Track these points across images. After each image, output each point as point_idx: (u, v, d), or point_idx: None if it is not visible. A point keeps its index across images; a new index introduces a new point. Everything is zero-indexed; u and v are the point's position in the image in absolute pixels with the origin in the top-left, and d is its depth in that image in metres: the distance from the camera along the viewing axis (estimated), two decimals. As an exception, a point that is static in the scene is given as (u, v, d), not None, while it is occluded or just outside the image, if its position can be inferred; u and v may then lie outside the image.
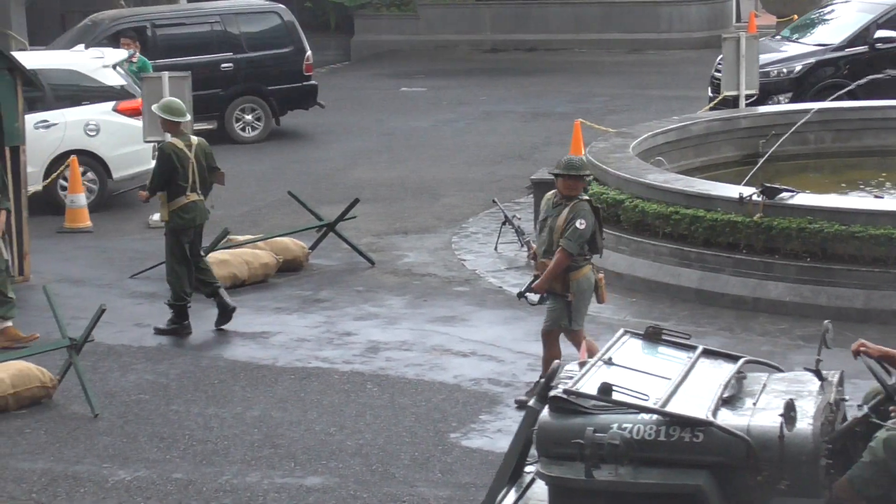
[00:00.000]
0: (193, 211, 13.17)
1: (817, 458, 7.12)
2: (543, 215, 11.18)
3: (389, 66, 30.63)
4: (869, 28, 21.83)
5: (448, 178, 19.80)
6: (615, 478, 7.14)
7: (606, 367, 7.86)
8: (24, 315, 13.52)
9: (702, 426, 7.16)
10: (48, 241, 16.65)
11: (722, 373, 7.75)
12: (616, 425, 7.24)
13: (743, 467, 7.08)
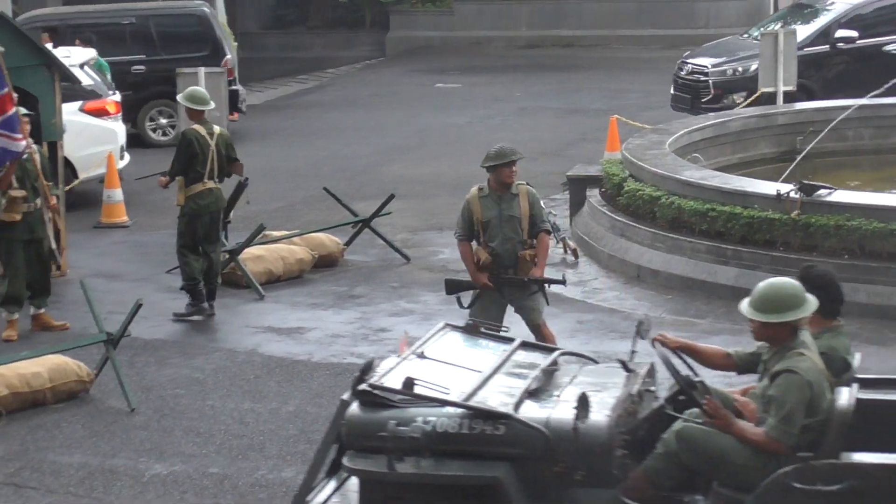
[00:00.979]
0: (209, 198, 13.44)
1: (611, 449, 7.25)
2: (490, 213, 10.88)
3: (424, 62, 30.68)
4: (830, 27, 21.75)
5: (483, 174, 19.69)
6: (417, 470, 7.29)
7: (419, 360, 8.01)
8: (60, 309, 13.63)
9: (502, 419, 7.29)
10: (84, 236, 16.76)
11: (535, 365, 7.91)
12: (421, 419, 7.35)
13: (542, 459, 7.21)
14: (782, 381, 7.22)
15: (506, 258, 10.95)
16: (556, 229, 15.55)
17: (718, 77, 21.57)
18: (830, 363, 7.54)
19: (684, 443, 7.36)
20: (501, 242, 10.92)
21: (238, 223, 15.55)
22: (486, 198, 10.97)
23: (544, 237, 11.03)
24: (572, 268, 15.09)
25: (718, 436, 7.32)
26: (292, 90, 28.90)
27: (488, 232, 10.94)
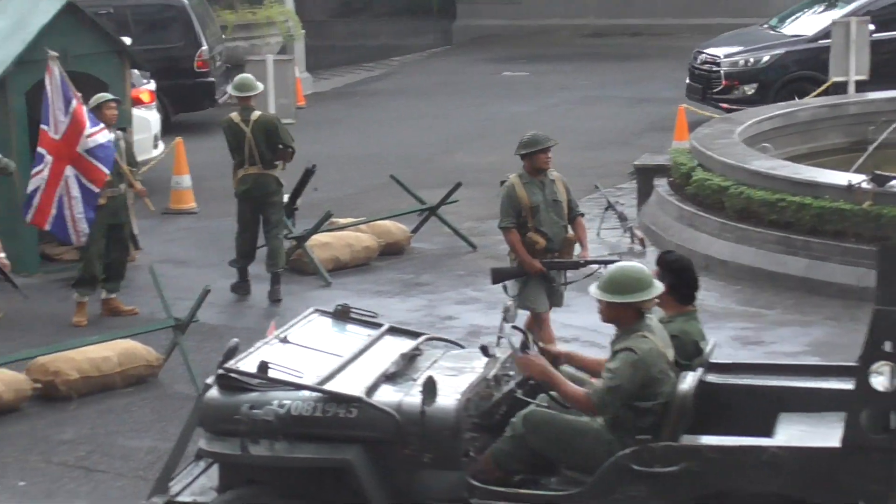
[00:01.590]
0: (248, 183, 13.72)
1: (459, 433, 7.40)
2: (538, 198, 11.05)
3: (491, 51, 30.63)
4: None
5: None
6: (271, 453, 7.44)
7: (281, 344, 8.19)
8: (130, 295, 13.75)
9: (354, 403, 7.46)
10: (153, 221, 16.87)
11: (398, 350, 8.06)
12: (276, 402, 7.51)
13: (393, 441, 7.39)
14: (619, 357, 7.39)
15: (555, 242, 11.10)
16: (624, 219, 15.53)
17: (730, 68, 21.44)
18: (682, 347, 7.71)
19: (531, 426, 7.51)
20: (550, 227, 11.07)
21: (305, 210, 15.60)
22: (529, 184, 11.13)
23: (581, 221, 11.33)
24: (639, 257, 15.03)
25: (563, 420, 7.52)
26: (358, 78, 28.95)
27: (537, 217, 11.04)
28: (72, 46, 14.48)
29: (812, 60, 21.19)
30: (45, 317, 13.32)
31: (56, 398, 11.10)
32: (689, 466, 7.19)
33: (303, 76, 25.35)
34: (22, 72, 14.24)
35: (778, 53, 21.44)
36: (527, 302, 11.06)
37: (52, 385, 11.11)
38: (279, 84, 17.43)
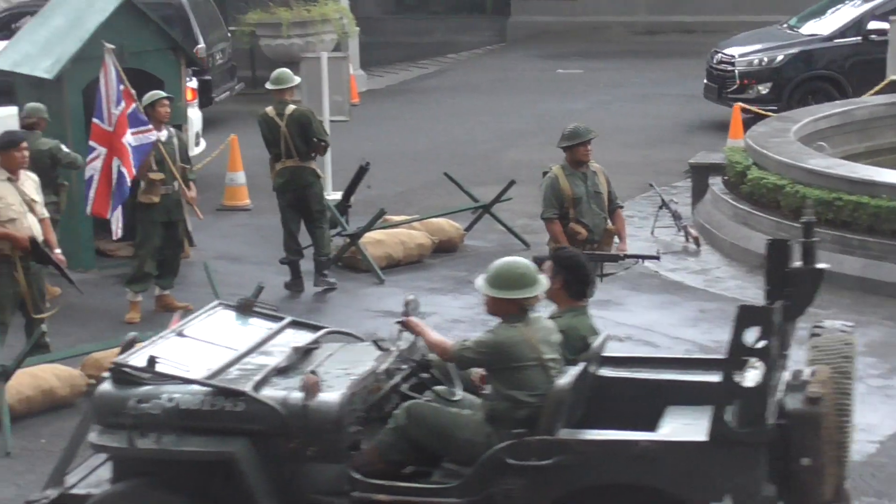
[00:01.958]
0: (285, 176, 13.90)
1: (342, 426, 7.52)
2: (580, 191, 11.22)
3: (545, 48, 30.54)
4: (863, 18, 21.27)
5: (603, 160, 19.43)
6: (157, 446, 7.61)
7: (177, 338, 8.34)
8: (183, 291, 13.79)
9: (240, 396, 7.58)
10: (207, 218, 16.88)
11: (295, 344, 8.19)
12: (166, 396, 7.67)
13: (277, 435, 7.51)
14: (482, 335, 7.68)
15: (596, 233, 11.27)
16: (678, 217, 15.44)
17: (745, 67, 21.28)
18: (569, 342, 7.87)
19: (413, 419, 7.64)
20: (592, 218, 11.24)
21: (359, 207, 15.61)
22: (571, 176, 11.29)
23: (621, 213, 11.48)
24: (694, 256, 14.95)
25: (445, 413, 7.65)
26: (413, 75, 28.94)
27: (578, 208, 11.20)
28: (128, 43, 14.54)
29: (827, 59, 21.08)
30: (99, 312, 13.38)
31: (111, 394, 11.10)
32: (562, 460, 7.30)
33: (357, 73, 25.36)
34: (79, 69, 14.30)
35: (792, 53, 21.26)
36: None
37: (107, 381, 11.12)
38: (333, 81, 17.47)
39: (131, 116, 12.92)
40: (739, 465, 7.12)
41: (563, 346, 7.82)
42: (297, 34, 24.98)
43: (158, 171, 13.18)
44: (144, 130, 12.97)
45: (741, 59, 21.40)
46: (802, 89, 20.91)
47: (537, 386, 7.51)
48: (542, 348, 7.61)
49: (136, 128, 12.92)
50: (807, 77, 21.06)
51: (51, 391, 10.88)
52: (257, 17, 25.32)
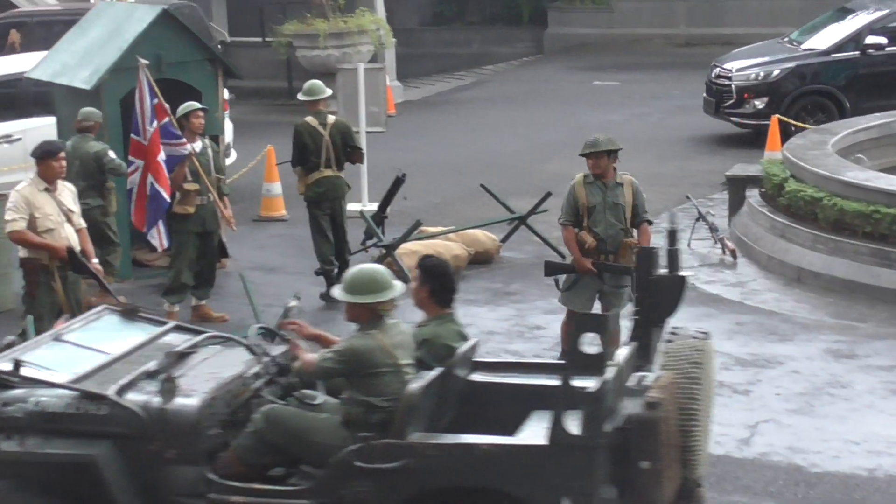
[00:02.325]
0: (326, 185, 14.01)
1: (200, 430, 7.70)
2: (596, 200, 11.18)
3: (582, 60, 30.51)
4: (861, 33, 21.15)
5: (640, 172, 19.43)
6: (22, 448, 7.79)
7: (54, 342, 8.56)
8: (219, 301, 13.82)
9: (103, 400, 7.77)
10: (244, 228, 16.94)
11: (172, 348, 8.31)
12: (33, 399, 7.86)
13: (139, 438, 7.71)
14: (339, 344, 7.90)
15: (608, 244, 11.18)
16: (714, 229, 15.37)
17: (741, 81, 21.20)
18: (433, 349, 8.03)
19: (270, 423, 7.79)
20: (605, 228, 11.17)
21: (395, 218, 15.61)
22: (591, 184, 11.27)
23: (646, 228, 11.29)
24: (730, 268, 14.88)
25: (303, 417, 7.82)
26: (450, 86, 28.96)
27: (592, 217, 11.18)
28: (166, 54, 14.61)
29: (825, 74, 21.00)
30: (136, 322, 13.40)
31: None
32: (408, 463, 7.48)
33: (393, 84, 25.40)
34: (117, 80, 14.36)
35: (789, 67, 21.17)
36: (566, 298, 11.34)
37: (143, 390, 11.14)
38: (370, 92, 17.49)
39: (164, 129, 13.00)
40: (577, 469, 7.30)
41: (428, 354, 8.01)
42: (334, 45, 25.06)
43: (193, 181, 13.22)
44: (177, 143, 13.05)
45: (738, 73, 21.36)
46: (799, 104, 20.87)
47: (392, 391, 7.70)
48: (398, 354, 7.81)
49: (169, 140, 13.01)
50: (803, 92, 20.99)
51: (87, 400, 10.90)
52: (294, 28, 25.41)
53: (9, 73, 18.02)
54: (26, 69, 16.38)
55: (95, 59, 14.59)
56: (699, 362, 7.87)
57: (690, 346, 7.96)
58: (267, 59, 27.03)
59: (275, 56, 26.03)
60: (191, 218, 13.25)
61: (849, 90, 20.79)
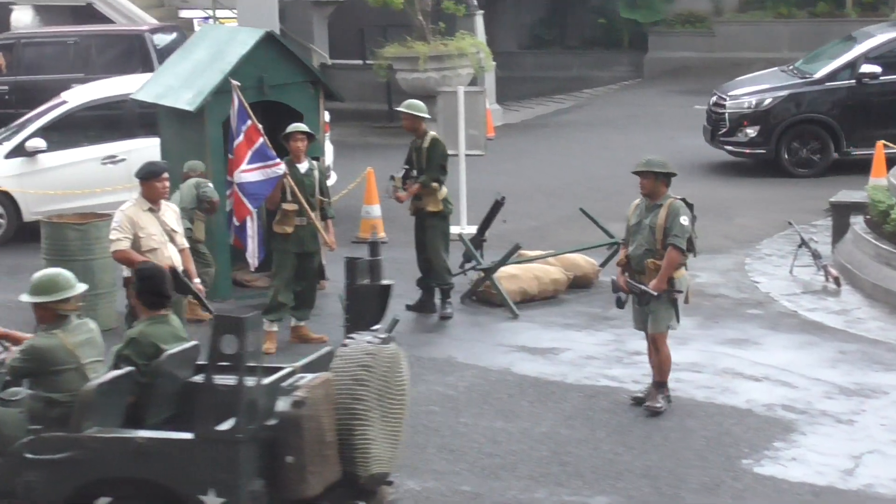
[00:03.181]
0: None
1: None
2: (636, 220, 11.37)
3: (682, 84, 30.33)
4: (856, 61, 20.86)
5: (741, 197, 19.46)
6: None
7: None
8: (319, 322, 13.86)
9: None
10: (343, 250, 16.95)
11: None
12: None
13: None
14: (23, 344, 8.72)
15: (636, 264, 11.37)
16: (817, 256, 15.17)
17: (735, 109, 21.08)
18: (140, 349, 8.73)
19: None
20: (635, 249, 11.38)
21: (493, 241, 15.58)
22: (639, 205, 11.50)
23: (671, 251, 11.25)
24: (834, 296, 14.67)
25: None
26: (549, 110, 28.92)
27: (630, 237, 11.45)
28: (269, 76, 14.72)
29: (819, 103, 20.84)
30: (236, 342, 13.47)
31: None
32: (73, 455, 8.19)
33: (493, 107, 25.40)
34: (219, 102, 14.47)
35: (782, 96, 21.03)
36: (633, 315, 11.65)
37: (242, 410, 11.21)
38: (469, 115, 17.49)
39: (258, 151, 13.08)
40: (221, 462, 7.97)
41: (134, 352, 8.70)
42: (434, 68, 25.12)
43: (292, 201, 13.27)
44: (272, 164, 13.11)
45: (732, 101, 21.31)
46: (792, 133, 20.77)
47: (73, 387, 8.42)
48: (81, 352, 8.61)
49: (263, 162, 13.08)
50: (796, 120, 20.85)
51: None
52: (394, 51, 25.51)
53: (114, 95, 18.29)
54: (131, 91, 16.57)
55: (199, 81, 14.73)
56: (369, 365, 8.39)
57: (362, 350, 8.47)
58: (367, 81, 27.18)
59: (375, 78, 26.16)
60: (289, 238, 13.32)
61: (843, 119, 20.68)
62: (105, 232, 12.57)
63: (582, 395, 11.83)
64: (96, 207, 16.17)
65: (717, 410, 11.42)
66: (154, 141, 16.20)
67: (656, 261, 11.24)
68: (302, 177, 13.35)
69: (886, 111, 20.37)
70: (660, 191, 11.39)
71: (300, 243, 13.41)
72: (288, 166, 13.30)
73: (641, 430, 11.00)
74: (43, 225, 14.33)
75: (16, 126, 18.71)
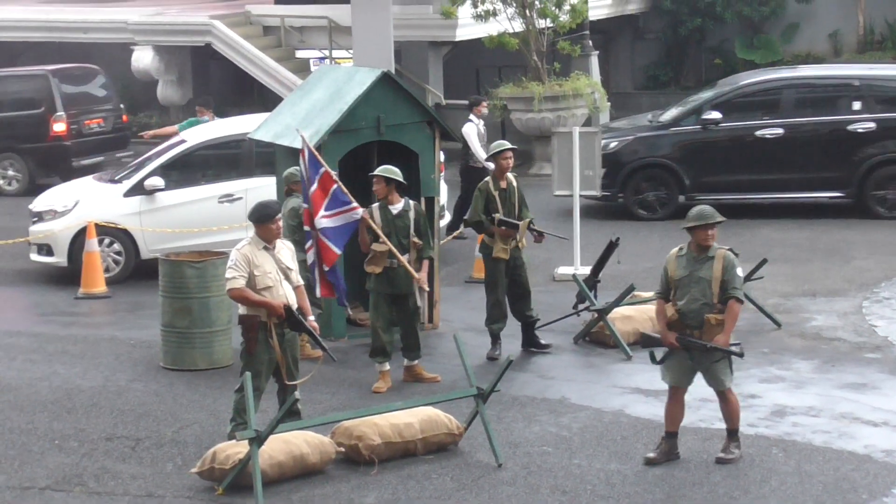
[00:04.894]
0: None
1: None
2: (684, 272, 11.00)
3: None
4: (702, 107, 21.03)
5: (860, 239, 19.23)
6: None
7: None
8: (432, 361, 13.91)
9: None
10: (457, 289, 17.07)
11: None
12: None
13: None
14: None
15: (691, 319, 11.03)
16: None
17: None
18: None
19: None
20: (688, 303, 11.02)
21: (607, 282, 15.54)
22: (682, 257, 11.15)
23: (733, 304, 10.98)
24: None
25: None
26: (663, 150, 28.76)
27: (678, 291, 11.05)
28: (385, 116, 14.84)
29: (660, 147, 21.02)
30: (349, 381, 13.58)
31: (359, 462, 11.26)
32: None
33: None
34: (336, 140, 14.65)
35: (627, 140, 21.23)
36: (663, 373, 11.35)
37: (356, 449, 11.28)
38: (585, 156, 17.49)
39: (333, 198, 13.15)
40: None
41: None
42: (549, 108, 25.19)
43: (382, 243, 13.30)
44: (347, 209, 13.20)
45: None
46: (638, 177, 20.95)
47: None
48: None
49: (339, 208, 13.15)
50: (640, 165, 21.02)
51: (302, 458, 11.06)
52: (510, 91, 25.61)
53: (233, 134, 18.53)
54: (249, 130, 16.78)
55: (316, 121, 14.89)
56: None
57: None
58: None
59: (490, 118, 26.24)
60: (380, 278, 13.33)
61: (685, 163, 20.82)
62: (221, 270, 12.74)
63: (697, 438, 11.73)
64: (213, 245, 16.40)
65: (835, 455, 11.27)
66: (270, 180, 16.40)
67: (717, 316, 11.00)
68: (394, 218, 13.38)
69: (728, 157, 20.70)
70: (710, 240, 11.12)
71: (391, 284, 13.38)
72: (380, 209, 13.34)
73: (757, 474, 10.88)
74: (161, 263, 14.54)
75: (135, 165, 19.05)
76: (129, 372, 14.13)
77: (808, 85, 21.64)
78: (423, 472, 11.13)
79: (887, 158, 20.43)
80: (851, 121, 20.62)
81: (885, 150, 20.49)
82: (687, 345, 11.07)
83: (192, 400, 13.13)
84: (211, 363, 14.16)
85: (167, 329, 14.28)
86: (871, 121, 20.54)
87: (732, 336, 11.10)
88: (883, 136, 20.53)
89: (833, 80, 21.62)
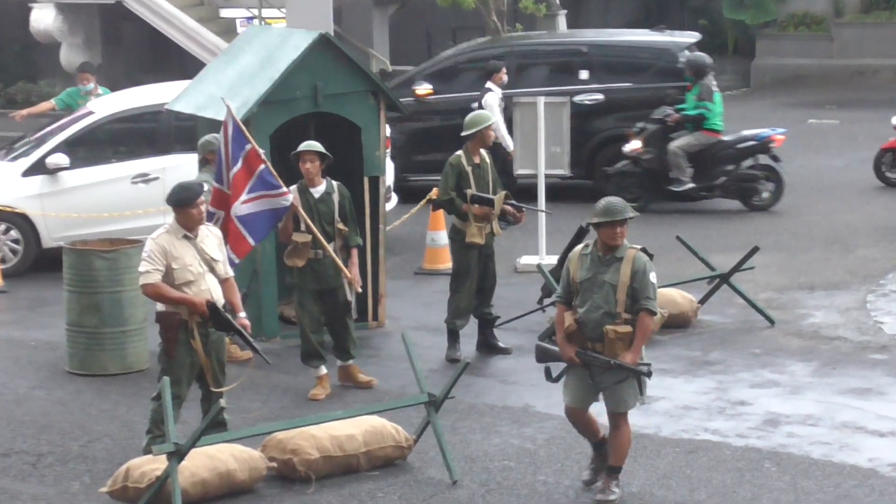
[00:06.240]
0: None
1: None
2: (586, 274, 10.47)
3: (795, 94, 30.32)
4: (414, 78, 21.94)
5: (863, 226, 19.40)
6: None
7: None
8: (377, 364, 13.95)
9: None
10: (405, 282, 17.11)
11: None
12: None
13: None
14: None
15: (591, 330, 10.53)
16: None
17: None
18: None
19: None
20: (588, 310, 10.50)
21: (578, 274, 15.59)
22: (586, 256, 10.60)
23: (644, 317, 10.45)
24: (971, 340, 14.61)
25: None
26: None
27: (580, 296, 10.56)
28: (324, 85, 14.82)
29: None
30: (282, 387, 13.59)
31: (293, 479, 11.27)
32: None
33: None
34: (268, 112, 14.62)
35: None
36: (564, 392, 10.84)
37: (290, 464, 11.29)
38: (551, 130, 17.50)
39: (260, 179, 13.02)
40: None
41: None
42: (511, 76, 25.20)
43: (305, 232, 13.24)
44: (276, 194, 13.04)
45: None
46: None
47: None
48: None
49: (267, 191, 13.01)
50: None
51: (228, 474, 11.05)
52: (466, 57, 25.59)
53: (148, 105, 18.47)
54: (167, 101, 16.74)
55: (244, 90, 14.87)
56: None
57: None
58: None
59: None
60: (304, 273, 13.29)
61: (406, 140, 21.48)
62: (135, 261, 12.66)
63: (679, 451, 11.82)
64: (126, 233, 16.34)
65: (836, 470, 11.38)
66: (191, 157, 16.36)
67: (618, 328, 10.42)
68: (316, 203, 13.33)
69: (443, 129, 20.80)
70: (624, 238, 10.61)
71: (317, 278, 13.31)
72: (300, 192, 13.24)
73: (748, 492, 10.98)
74: (65, 252, 14.50)
75: (35, 140, 18.90)
76: (29, 378, 14.09)
77: (531, 53, 22.04)
78: (366, 490, 11.17)
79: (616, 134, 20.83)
80: (578, 91, 20.91)
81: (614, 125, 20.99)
82: (588, 360, 10.54)
83: (102, 409, 13.11)
84: (124, 367, 14.14)
85: (73, 328, 14.24)
86: (599, 92, 20.83)
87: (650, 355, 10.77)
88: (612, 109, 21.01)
89: (561, 47, 22.12)
